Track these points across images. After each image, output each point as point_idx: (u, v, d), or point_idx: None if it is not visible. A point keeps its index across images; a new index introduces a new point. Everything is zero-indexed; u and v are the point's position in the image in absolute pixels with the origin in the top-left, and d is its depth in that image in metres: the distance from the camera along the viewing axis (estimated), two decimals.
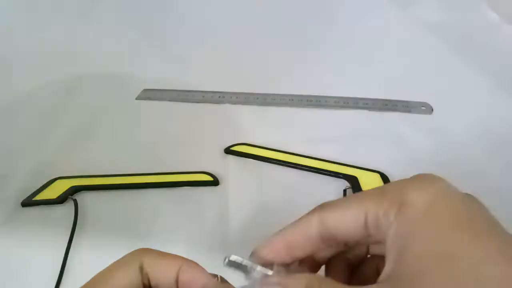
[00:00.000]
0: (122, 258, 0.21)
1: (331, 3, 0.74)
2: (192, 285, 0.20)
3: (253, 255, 0.22)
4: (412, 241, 0.17)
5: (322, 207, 0.21)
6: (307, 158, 0.44)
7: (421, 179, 0.19)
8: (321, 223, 0.20)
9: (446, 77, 0.57)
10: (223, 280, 0.21)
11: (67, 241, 0.36)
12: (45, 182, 0.43)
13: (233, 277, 0.21)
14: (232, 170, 0.43)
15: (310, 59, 0.62)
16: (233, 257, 0.21)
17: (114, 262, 0.21)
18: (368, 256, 0.23)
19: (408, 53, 0.63)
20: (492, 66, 0.57)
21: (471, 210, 0.18)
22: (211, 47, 0.68)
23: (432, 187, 0.19)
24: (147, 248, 0.22)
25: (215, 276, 0.21)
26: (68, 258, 0.35)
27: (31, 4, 0.75)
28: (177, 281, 0.21)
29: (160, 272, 0.21)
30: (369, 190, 0.21)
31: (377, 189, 0.21)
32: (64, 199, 0.40)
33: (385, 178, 0.41)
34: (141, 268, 0.20)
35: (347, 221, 0.20)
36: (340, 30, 0.69)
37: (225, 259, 0.21)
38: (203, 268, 0.21)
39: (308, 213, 0.21)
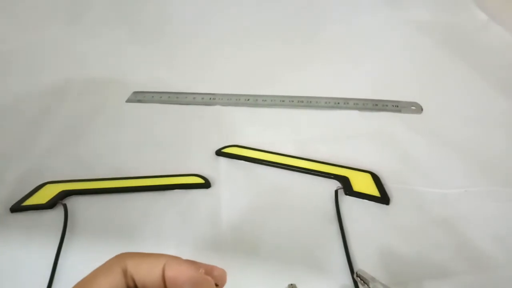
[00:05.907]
0: (104, 263, 0.21)
1: (321, 4, 0.75)
2: (178, 280, 0.20)
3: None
4: None
5: None
6: (298, 159, 0.44)
7: None
8: None
9: (436, 76, 0.57)
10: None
11: (57, 247, 0.36)
12: (34, 187, 0.42)
13: None
14: (223, 172, 0.43)
15: (301, 60, 0.63)
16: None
17: (97, 268, 0.21)
18: None
19: (397, 53, 0.63)
20: (481, 66, 0.58)
21: None
22: (202, 49, 0.68)
23: None
24: (129, 252, 0.21)
25: (199, 268, 0.21)
26: (58, 263, 0.35)
27: (18, 8, 0.75)
28: (164, 279, 0.21)
29: (144, 272, 0.21)
30: None
31: None
32: (54, 204, 0.40)
33: (376, 178, 0.41)
34: (125, 272, 0.20)
35: None
36: (330, 31, 0.70)
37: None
38: (187, 262, 0.21)
39: None
